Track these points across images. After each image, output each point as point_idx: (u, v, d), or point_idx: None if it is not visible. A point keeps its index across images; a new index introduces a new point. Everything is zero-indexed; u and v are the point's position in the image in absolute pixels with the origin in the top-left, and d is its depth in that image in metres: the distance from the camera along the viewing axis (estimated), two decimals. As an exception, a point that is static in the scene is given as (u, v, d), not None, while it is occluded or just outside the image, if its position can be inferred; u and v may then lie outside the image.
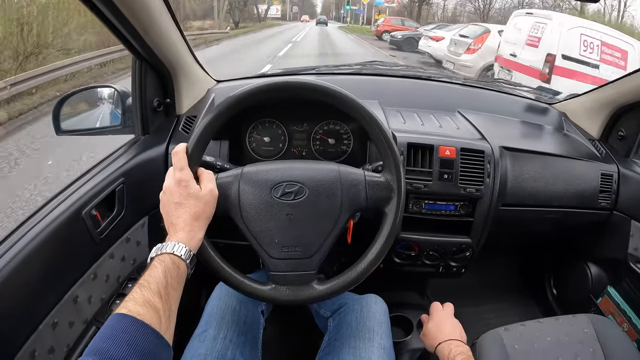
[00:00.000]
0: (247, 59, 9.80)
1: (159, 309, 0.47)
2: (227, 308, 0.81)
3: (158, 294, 0.48)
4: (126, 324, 0.44)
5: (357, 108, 0.68)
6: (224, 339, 0.74)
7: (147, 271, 0.52)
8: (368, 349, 0.74)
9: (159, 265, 0.52)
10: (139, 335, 0.44)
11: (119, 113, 1.02)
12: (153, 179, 0.92)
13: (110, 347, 0.42)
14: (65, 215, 0.71)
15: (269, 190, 0.65)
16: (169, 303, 0.49)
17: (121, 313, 0.45)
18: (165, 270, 0.52)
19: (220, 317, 0.78)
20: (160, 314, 0.47)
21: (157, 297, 0.48)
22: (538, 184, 1.03)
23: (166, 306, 0.49)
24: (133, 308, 0.46)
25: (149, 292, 0.48)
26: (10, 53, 5.82)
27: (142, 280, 0.50)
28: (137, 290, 0.48)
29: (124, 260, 0.88)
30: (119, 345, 0.42)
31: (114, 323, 0.44)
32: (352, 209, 0.67)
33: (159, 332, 0.46)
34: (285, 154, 1.00)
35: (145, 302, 0.47)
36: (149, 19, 0.78)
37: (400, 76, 1.37)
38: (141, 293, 0.48)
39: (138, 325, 0.44)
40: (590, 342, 0.85)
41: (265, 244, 0.65)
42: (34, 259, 0.63)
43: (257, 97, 0.67)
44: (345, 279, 0.67)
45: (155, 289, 0.49)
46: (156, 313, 0.47)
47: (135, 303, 0.46)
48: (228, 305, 0.81)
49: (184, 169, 0.61)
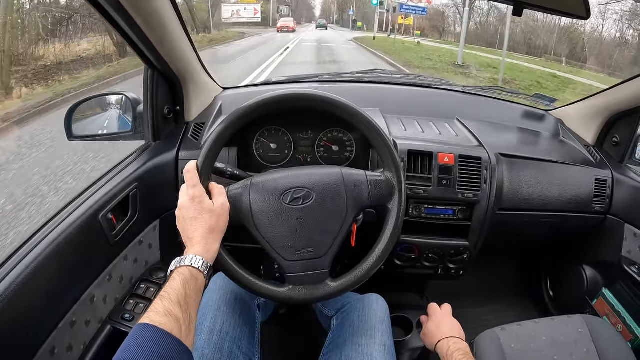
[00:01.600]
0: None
1: (180, 318, 0.50)
2: (222, 300, 0.82)
3: (178, 304, 0.51)
4: (148, 334, 0.47)
5: (359, 118, 0.72)
6: (220, 331, 0.76)
7: (168, 283, 0.55)
8: (370, 346, 0.77)
9: (178, 277, 0.55)
10: (162, 342, 0.46)
11: (129, 119, 1.06)
12: (164, 184, 0.96)
13: (135, 356, 0.44)
14: (84, 218, 0.74)
15: (278, 197, 0.68)
16: (188, 312, 0.52)
17: (144, 323, 0.48)
18: (184, 282, 0.55)
19: (215, 309, 0.80)
20: (180, 323, 0.50)
21: (178, 307, 0.51)
22: (534, 189, 1.06)
23: (186, 315, 0.51)
24: (155, 318, 0.48)
25: (169, 303, 0.51)
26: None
27: (163, 292, 0.53)
28: (159, 301, 0.51)
29: (136, 262, 0.91)
30: (144, 353, 0.44)
31: (137, 333, 0.47)
32: (357, 207, 0.71)
33: (179, 339, 0.48)
34: (290, 160, 1.04)
35: (166, 312, 0.49)
36: (163, 31, 0.82)
37: (401, 84, 1.41)
38: (162, 304, 0.51)
39: (160, 333, 0.47)
40: (584, 342, 0.87)
41: (279, 248, 0.68)
42: (54, 260, 0.67)
43: (264, 109, 0.71)
44: (357, 274, 0.71)
45: (175, 299, 0.52)
46: (177, 322, 0.49)
47: (157, 313, 0.49)
48: (223, 297, 0.83)
49: (197, 185, 0.64)
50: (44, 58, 6.87)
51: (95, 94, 1.11)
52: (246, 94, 0.84)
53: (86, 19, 7.72)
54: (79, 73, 6.95)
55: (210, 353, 0.73)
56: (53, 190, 2.85)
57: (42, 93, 5.76)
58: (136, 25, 0.76)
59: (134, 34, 0.78)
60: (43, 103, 5.03)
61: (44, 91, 5.89)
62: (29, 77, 6.21)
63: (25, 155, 3.48)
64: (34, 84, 6.09)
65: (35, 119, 4.62)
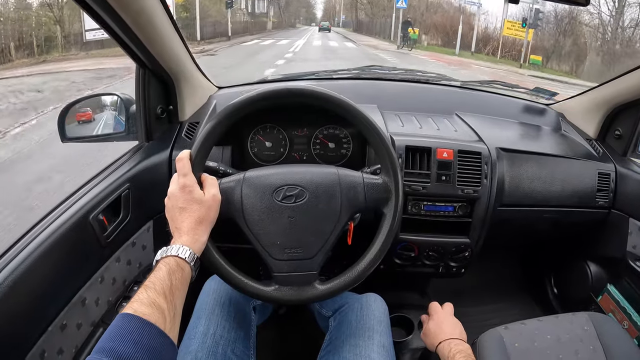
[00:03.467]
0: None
1: (164, 309, 0.49)
2: (216, 303, 0.81)
3: (163, 295, 0.50)
4: (132, 324, 0.46)
5: (354, 113, 0.71)
6: (214, 334, 0.75)
7: (153, 273, 0.53)
8: (368, 347, 0.75)
9: (164, 267, 0.54)
10: (145, 334, 0.45)
11: (123, 120, 1.05)
12: (157, 185, 0.94)
13: (118, 346, 0.43)
14: (73, 220, 0.73)
15: (270, 194, 0.67)
16: (173, 303, 0.51)
17: (127, 313, 0.47)
18: (169, 272, 0.53)
19: (209, 312, 0.79)
20: (165, 314, 0.48)
21: (162, 298, 0.50)
22: (535, 184, 1.04)
23: (171, 306, 0.50)
24: (139, 308, 0.47)
25: (154, 293, 0.50)
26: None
27: (148, 282, 0.51)
28: (143, 291, 0.50)
29: (129, 263, 0.90)
30: (126, 343, 0.43)
31: (120, 323, 0.46)
32: (351, 210, 0.69)
33: (164, 331, 0.47)
34: (286, 158, 1.02)
35: (150, 303, 0.48)
36: (152, 29, 0.81)
37: (399, 80, 1.39)
38: (146, 294, 0.49)
39: (144, 324, 0.46)
40: (590, 340, 0.85)
41: (268, 245, 0.67)
42: (44, 262, 0.65)
43: (258, 103, 0.69)
44: (346, 278, 0.69)
45: (160, 290, 0.50)
46: (161, 313, 0.48)
47: (141, 304, 0.48)
48: (217, 300, 0.82)
49: (188, 174, 0.63)
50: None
51: (88, 95, 1.11)
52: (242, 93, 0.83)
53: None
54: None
55: (204, 356, 0.71)
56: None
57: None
58: (125, 24, 0.74)
59: (122, 32, 0.77)
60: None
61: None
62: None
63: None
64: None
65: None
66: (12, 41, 7.48)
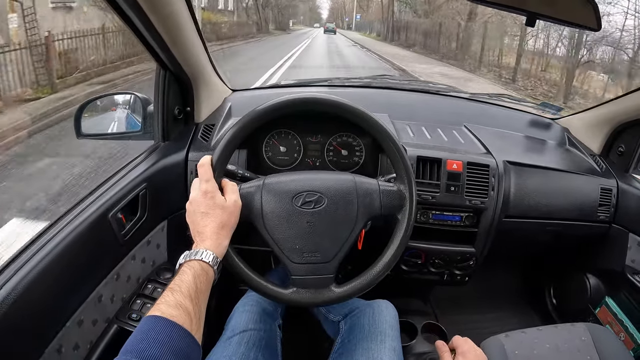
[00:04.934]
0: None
1: (190, 311, 0.50)
2: (249, 322, 0.85)
3: (189, 297, 0.51)
4: (160, 325, 0.47)
5: (372, 123, 0.73)
6: (247, 343, 0.79)
7: (177, 276, 0.55)
8: (380, 351, 0.77)
9: (189, 270, 0.56)
10: (173, 335, 0.47)
11: (138, 119, 1.06)
12: (173, 185, 0.96)
13: (146, 347, 0.44)
14: (94, 217, 0.74)
15: (290, 199, 0.69)
16: (199, 306, 0.52)
17: (155, 315, 0.48)
18: (195, 275, 0.55)
19: (243, 328, 0.83)
20: (191, 316, 0.50)
21: (188, 300, 0.51)
22: (540, 197, 1.07)
23: (196, 309, 0.52)
24: (166, 310, 0.49)
25: (180, 296, 0.51)
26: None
27: (173, 285, 0.53)
28: (169, 293, 0.51)
29: (144, 262, 0.91)
30: (154, 344, 0.45)
31: (148, 325, 0.47)
32: (367, 216, 0.71)
33: (190, 332, 0.49)
34: (300, 164, 1.04)
35: (177, 305, 0.50)
36: (178, 33, 0.83)
37: (409, 90, 1.41)
38: (173, 296, 0.51)
39: (171, 325, 0.47)
40: (587, 350, 0.88)
41: (287, 249, 0.69)
42: (64, 259, 0.67)
43: (280, 112, 0.71)
44: (362, 281, 0.71)
45: (187, 292, 0.52)
46: (187, 315, 0.50)
47: (168, 306, 0.49)
48: (250, 320, 0.86)
49: (210, 180, 0.65)
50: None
51: (105, 93, 1.12)
52: (255, 97, 0.85)
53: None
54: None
55: None
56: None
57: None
58: (152, 26, 0.76)
59: (149, 34, 0.79)
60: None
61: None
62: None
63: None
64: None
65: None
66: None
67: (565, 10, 0.77)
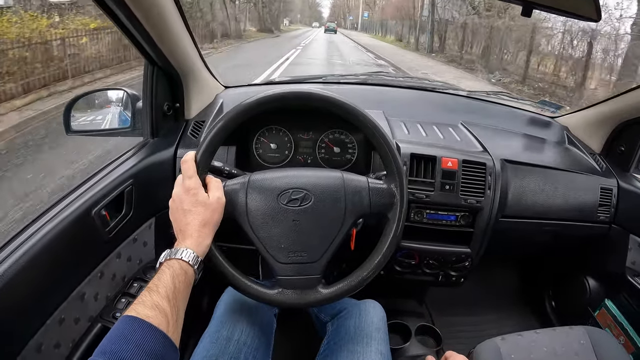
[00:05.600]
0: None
1: (167, 312, 0.49)
2: (242, 310, 0.82)
3: (166, 298, 0.50)
4: (135, 326, 0.46)
5: (361, 118, 0.71)
6: (237, 341, 0.75)
7: (156, 276, 0.53)
8: (366, 354, 0.75)
9: (168, 270, 0.54)
10: (148, 336, 0.45)
11: (128, 115, 1.04)
12: (161, 182, 0.94)
13: (120, 348, 0.43)
14: (76, 214, 0.73)
15: (275, 197, 0.67)
16: (176, 307, 0.51)
17: (130, 315, 0.47)
18: (173, 275, 0.53)
19: (234, 319, 0.79)
20: (168, 317, 0.48)
21: (166, 301, 0.50)
22: (538, 197, 1.04)
23: (174, 310, 0.50)
24: (142, 311, 0.47)
25: (157, 296, 0.50)
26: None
27: (151, 285, 0.51)
28: (146, 294, 0.50)
29: (130, 260, 0.90)
30: (128, 346, 0.43)
31: (123, 325, 0.46)
32: (356, 214, 0.69)
33: (166, 334, 0.47)
34: (291, 161, 1.02)
35: (153, 306, 0.48)
36: (163, 25, 0.81)
37: (405, 87, 1.39)
38: (150, 297, 0.49)
39: (146, 327, 0.46)
40: (586, 354, 0.86)
41: (272, 249, 0.67)
42: (45, 255, 0.65)
43: (266, 106, 0.69)
44: (350, 282, 0.69)
45: (164, 293, 0.50)
46: (164, 316, 0.48)
47: (144, 306, 0.48)
48: (243, 308, 0.82)
49: (193, 177, 0.63)
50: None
51: (95, 89, 1.11)
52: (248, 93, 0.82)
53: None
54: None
55: None
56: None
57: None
58: (136, 19, 0.74)
59: (133, 28, 0.77)
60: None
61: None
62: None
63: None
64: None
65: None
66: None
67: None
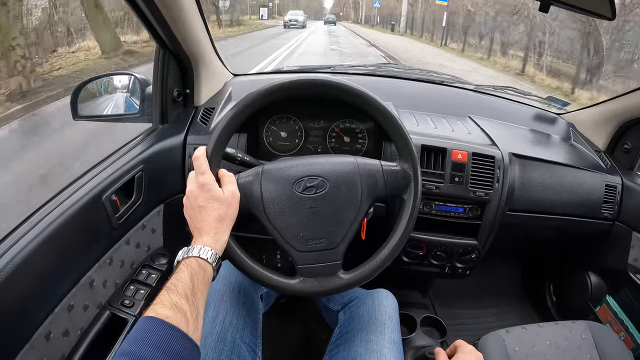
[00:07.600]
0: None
1: (186, 311, 0.48)
2: (226, 289, 0.81)
3: (185, 297, 0.50)
4: (154, 327, 0.45)
5: (373, 103, 0.70)
6: (223, 321, 0.75)
7: (174, 275, 0.53)
8: (379, 342, 0.75)
9: (186, 268, 0.53)
10: (168, 337, 0.45)
11: (136, 101, 1.03)
12: (170, 168, 0.93)
13: (140, 349, 0.43)
14: (86, 199, 0.71)
15: (290, 186, 0.66)
16: (195, 305, 0.50)
17: (150, 316, 0.46)
18: (191, 273, 0.53)
19: (218, 299, 0.79)
20: (187, 316, 0.48)
21: (184, 300, 0.49)
22: (544, 192, 1.05)
23: (193, 308, 0.50)
24: (161, 311, 0.47)
25: (176, 296, 0.49)
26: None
27: (169, 284, 0.51)
28: (165, 293, 0.49)
29: (138, 246, 0.89)
30: (148, 347, 0.43)
31: (142, 326, 0.46)
32: (372, 197, 0.69)
33: (186, 333, 0.47)
34: (301, 150, 1.02)
35: (172, 305, 0.48)
36: (178, 9, 0.80)
37: (414, 79, 1.39)
38: (168, 296, 0.49)
39: (166, 327, 0.45)
40: (588, 348, 0.87)
41: (291, 238, 0.66)
42: (54, 241, 0.64)
43: (279, 94, 0.68)
44: (371, 266, 0.69)
45: (182, 292, 0.50)
46: (183, 315, 0.48)
47: (163, 306, 0.47)
48: (226, 287, 0.81)
49: (206, 173, 0.62)
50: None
51: (103, 74, 1.09)
52: (257, 82, 0.82)
53: None
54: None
55: (213, 343, 0.71)
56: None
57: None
58: (152, 1, 0.73)
59: (148, 10, 0.76)
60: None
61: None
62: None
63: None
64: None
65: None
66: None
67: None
